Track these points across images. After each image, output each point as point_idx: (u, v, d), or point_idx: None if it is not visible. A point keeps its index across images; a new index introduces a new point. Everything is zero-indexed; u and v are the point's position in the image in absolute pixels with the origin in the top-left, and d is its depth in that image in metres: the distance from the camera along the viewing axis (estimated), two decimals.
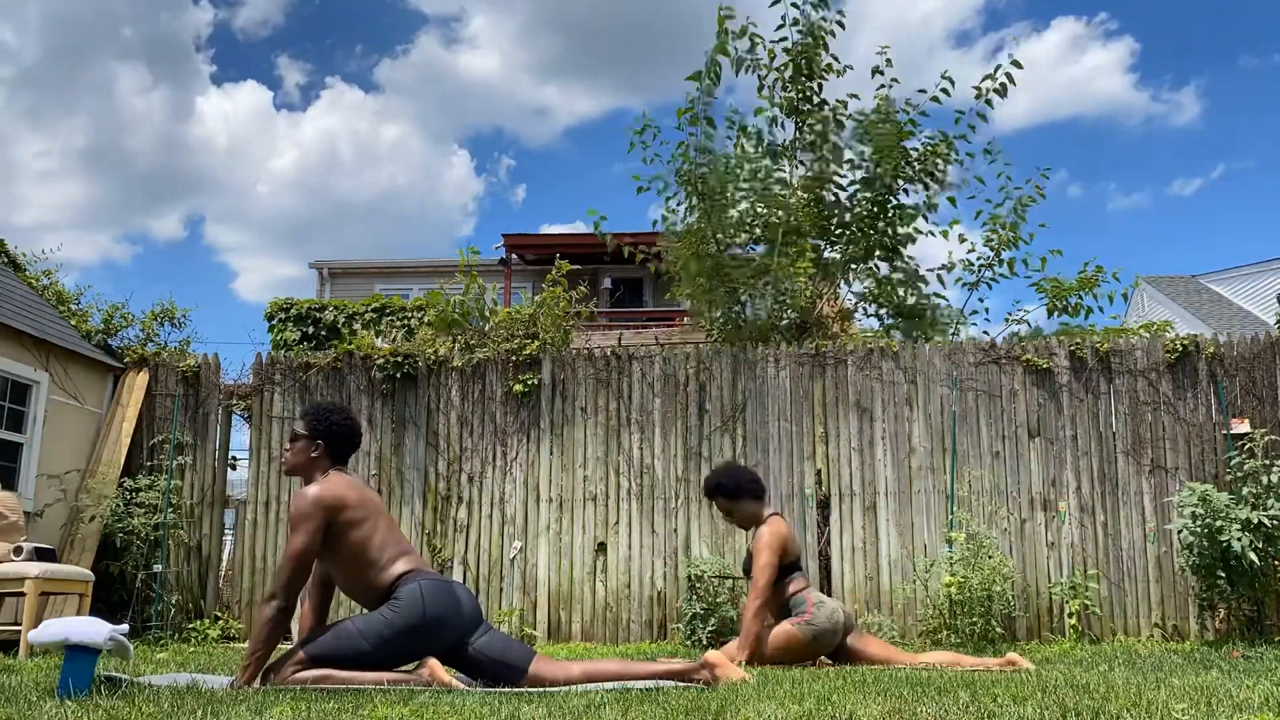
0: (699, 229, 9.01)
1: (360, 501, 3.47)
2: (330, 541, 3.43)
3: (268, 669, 3.32)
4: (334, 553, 3.45)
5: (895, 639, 6.79)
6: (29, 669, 4.02)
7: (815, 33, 8.73)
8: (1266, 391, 7.34)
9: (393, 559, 3.44)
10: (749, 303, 9.25)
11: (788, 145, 9.04)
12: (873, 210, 9.09)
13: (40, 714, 2.40)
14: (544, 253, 17.54)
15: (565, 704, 2.62)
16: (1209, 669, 4.14)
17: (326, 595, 3.72)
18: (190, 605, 7.69)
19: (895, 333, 9.24)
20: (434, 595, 3.36)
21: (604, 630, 7.40)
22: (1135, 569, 7.21)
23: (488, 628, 3.47)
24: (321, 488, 3.44)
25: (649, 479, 7.65)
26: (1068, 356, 7.57)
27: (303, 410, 3.84)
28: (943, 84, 8.97)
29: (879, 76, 8.92)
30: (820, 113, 8.96)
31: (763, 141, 9.01)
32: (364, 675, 3.22)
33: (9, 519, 6.35)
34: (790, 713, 2.40)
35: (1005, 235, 9.03)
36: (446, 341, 8.15)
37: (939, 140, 8.95)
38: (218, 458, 8.05)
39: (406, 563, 3.46)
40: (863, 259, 9.36)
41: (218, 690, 2.95)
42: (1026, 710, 2.39)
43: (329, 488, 3.44)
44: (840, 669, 4.27)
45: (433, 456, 7.84)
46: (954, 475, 7.38)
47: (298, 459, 3.62)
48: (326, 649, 3.29)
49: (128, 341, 10.18)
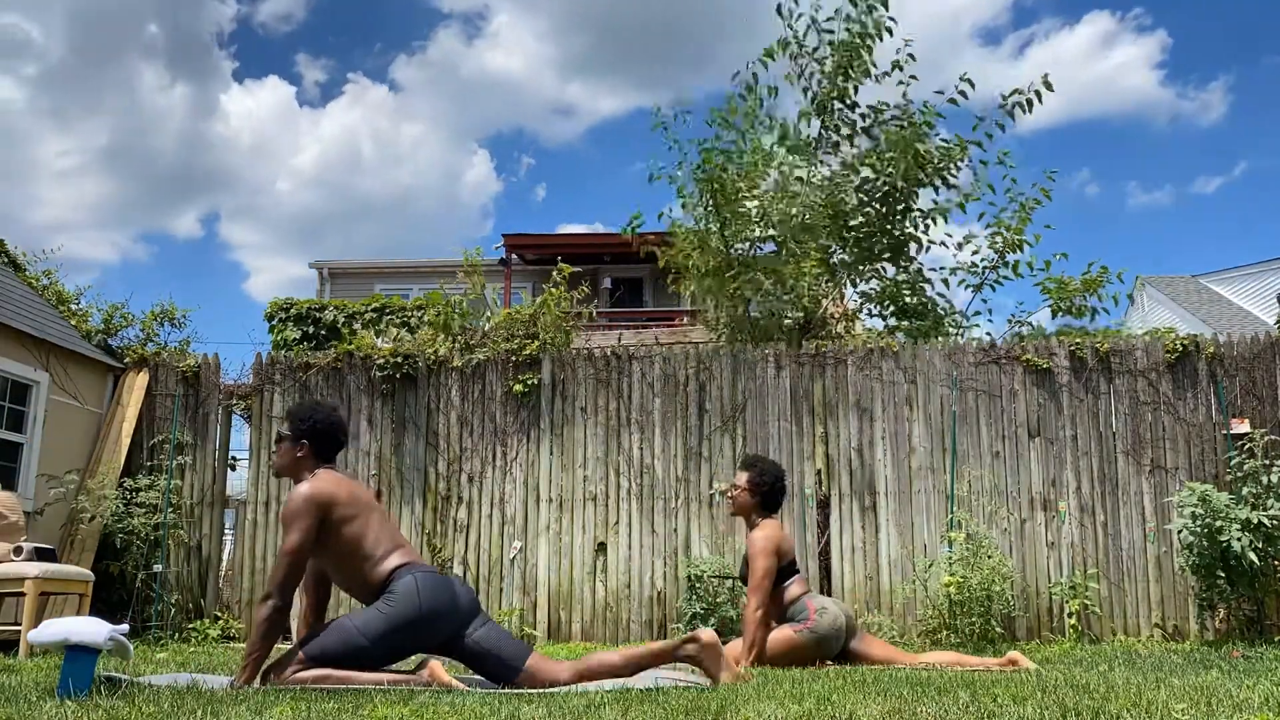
0: (709, 228, 9.01)
1: (350, 498, 3.49)
2: (324, 539, 3.44)
3: (268, 668, 3.32)
4: (328, 549, 3.47)
5: (895, 639, 6.79)
6: (29, 669, 4.02)
7: (866, 32, 8.65)
8: (1266, 391, 7.34)
9: (387, 553, 3.46)
10: (755, 302, 9.25)
11: (810, 141, 9.00)
12: (882, 212, 9.08)
13: (40, 714, 2.40)
14: (544, 253, 17.54)
15: (565, 704, 2.62)
16: (1209, 669, 4.14)
17: (324, 593, 3.73)
18: (190, 605, 7.69)
19: (898, 334, 9.23)
20: (429, 588, 3.37)
21: (604, 630, 7.40)
22: (1135, 569, 7.21)
23: (485, 619, 3.48)
24: (311, 486, 3.46)
25: (649, 479, 7.65)
26: (1068, 356, 7.57)
27: (287, 411, 3.85)
28: (962, 85, 8.94)
29: (898, 72, 8.88)
30: (850, 115, 8.90)
31: (788, 136, 8.95)
32: (363, 675, 3.22)
33: (9, 519, 6.35)
34: (790, 713, 2.40)
35: (1010, 238, 9.01)
36: (446, 341, 8.15)
37: (955, 145, 8.93)
38: (218, 458, 8.05)
39: (400, 556, 3.47)
40: (868, 260, 9.35)
41: (218, 690, 2.95)
42: (1026, 710, 2.39)
43: (318, 485, 3.47)
44: (840, 669, 4.27)
45: (433, 456, 7.84)
46: (954, 475, 7.38)
47: (285, 460, 3.65)
48: (326, 647, 3.29)
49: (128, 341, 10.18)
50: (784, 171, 8.92)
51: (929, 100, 8.96)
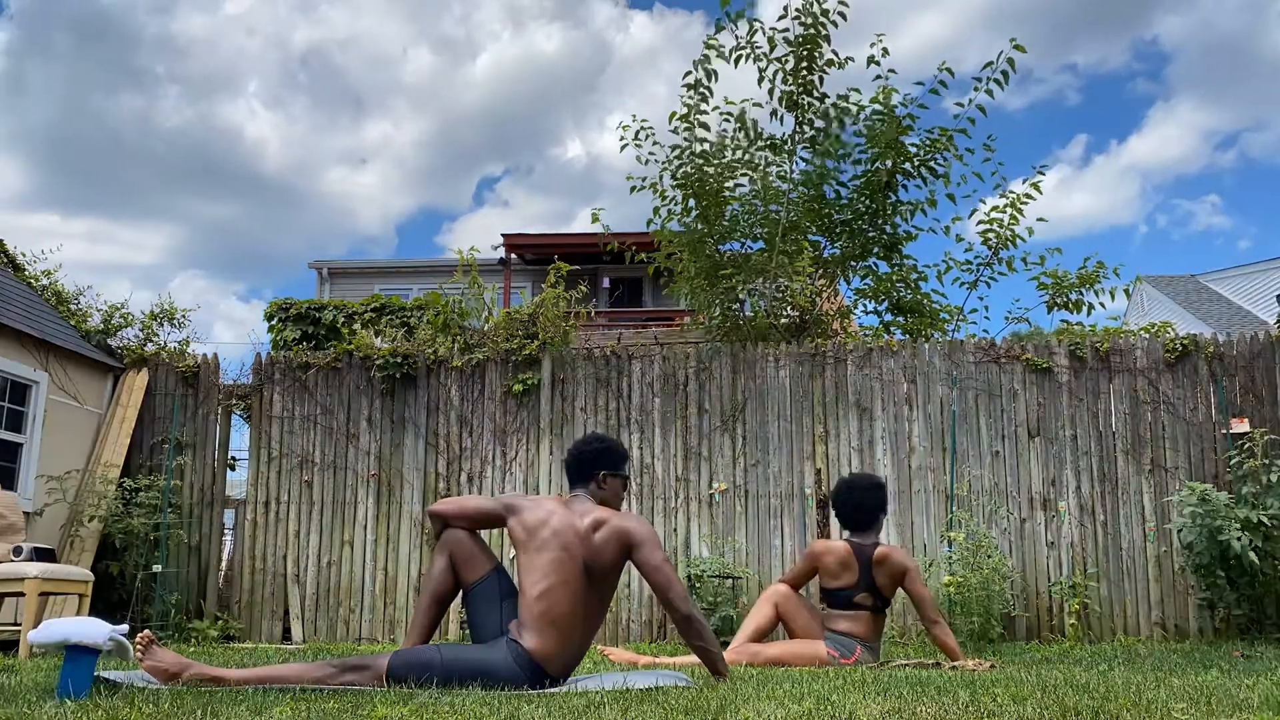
0: (694, 228, 9.01)
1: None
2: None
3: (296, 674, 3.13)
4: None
5: (895, 638, 6.79)
6: (29, 669, 4.02)
7: (818, 24, 8.63)
8: (1266, 391, 7.34)
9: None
10: (747, 300, 9.24)
11: (786, 139, 8.99)
12: (871, 206, 9.07)
13: (40, 714, 2.39)
14: (543, 252, 17.52)
15: (565, 704, 2.62)
16: (1209, 669, 4.14)
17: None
18: (190, 605, 7.70)
19: (895, 330, 9.23)
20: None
21: (604, 630, 7.40)
22: (1135, 568, 7.21)
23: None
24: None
25: (649, 478, 7.65)
26: (1067, 355, 7.57)
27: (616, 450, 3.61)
28: (942, 74, 8.90)
29: (875, 66, 8.87)
30: (821, 106, 8.87)
31: (760, 135, 8.95)
32: (295, 673, 3.07)
33: (8, 519, 6.34)
34: (790, 713, 2.40)
35: (1003, 234, 9.00)
36: (445, 341, 8.15)
37: (939, 135, 8.90)
38: (217, 457, 8.05)
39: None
40: (860, 256, 9.35)
41: (220, 691, 2.95)
42: (1026, 710, 2.39)
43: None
44: (840, 669, 4.27)
45: (432, 456, 7.84)
46: (954, 475, 7.38)
47: (618, 494, 3.57)
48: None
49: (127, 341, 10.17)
50: (761, 167, 8.91)
51: (910, 94, 8.91)
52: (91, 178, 42.81)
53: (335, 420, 7.96)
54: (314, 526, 7.80)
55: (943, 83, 8.87)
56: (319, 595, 7.70)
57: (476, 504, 3.51)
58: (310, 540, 7.79)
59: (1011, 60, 8.59)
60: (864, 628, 4.82)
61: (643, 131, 9.11)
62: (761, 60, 8.78)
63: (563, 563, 3.26)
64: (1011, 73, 8.63)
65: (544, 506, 3.41)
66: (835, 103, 8.85)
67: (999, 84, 8.69)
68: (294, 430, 7.97)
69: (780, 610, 5.03)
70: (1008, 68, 8.62)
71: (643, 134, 9.11)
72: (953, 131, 8.86)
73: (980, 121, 8.97)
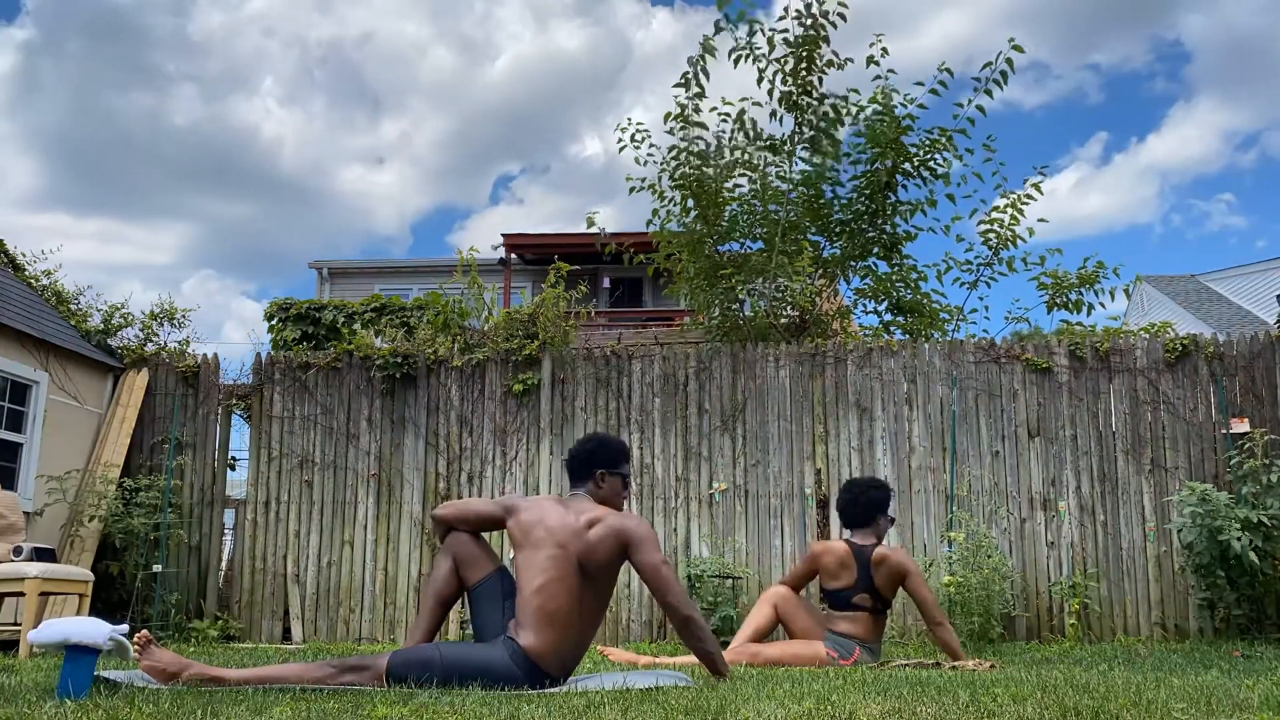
0: (693, 228, 9.01)
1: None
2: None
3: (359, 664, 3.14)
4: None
5: (895, 639, 6.79)
6: (29, 669, 4.02)
7: (817, 24, 8.63)
8: (1266, 391, 7.34)
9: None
10: (747, 301, 9.24)
11: (786, 139, 8.98)
12: (870, 206, 9.07)
13: (40, 714, 2.39)
14: (543, 252, 17.51)
15: (565, 704, 2.62)
16: (1209, 669, 4.14)
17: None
18: (190, 605, 7.70)
19: (895, 330, 9.22)
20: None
21: (604, 630, 7.40)
22: (1135, 568, 7.21)
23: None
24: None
25: (649, 478, 7.65)
26: (1067, 355, 7.57)
27: (621, 449, 3.63)
28: (941, 75, 8.89)
29: (874, 67, 8.87)
30: (821, 106, 8.87)
31: (760, 135, 8.95)
32: (294, 673, 3.07)
33: (8, 519, 6.34)
34: (790, 713, 2.40)
35: (1003, 234, 9.00)
36: (446, 341, 8.15)
37: (938, 135, 8.89)
38: (217, 457, 8.05)
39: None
40: (860, 256, 9.34)
41: (220, 691, 2.95)
42: (1026, 710, 2.39)
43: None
44: (839, 669, 4.27)
45: (432, 456, 7.84)
46: (954, 475, 7.38)
47: (617, 494, 3.56)
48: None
49: (127, 341, 10.18)
50: (759, 167, 8.91)
51: (909, 94, 8.89)
52: (103, 177, 42.88)
53: (335, 420, 7.96)
54: (314, 526, 7.81)
55: (943, 83, 8.86)
56: (319, 595, 7.70)
57: (478, 508, 3.53)
58: (310, 540, 7.79)
59: (1010, 60, 8.58)
60: (863, 629, 4.82)
61: (640, 133, 9.11)
62: (761, 61, 8.78)
63: (557, 559, 3.26)
64: (1011, 72, 8.63)
65: (541, 505, 3.43)
66: (834, 103, 8.84)
67: (999, 84, 8.69)
68: (294, 430, 7.97)
69: (780, 611, 5.03)
70: (1006, 68, 8.62)
71: (639, 135, 9.11)
72: (952, 131, 8.86)
73: (995, 119, 9.08)
